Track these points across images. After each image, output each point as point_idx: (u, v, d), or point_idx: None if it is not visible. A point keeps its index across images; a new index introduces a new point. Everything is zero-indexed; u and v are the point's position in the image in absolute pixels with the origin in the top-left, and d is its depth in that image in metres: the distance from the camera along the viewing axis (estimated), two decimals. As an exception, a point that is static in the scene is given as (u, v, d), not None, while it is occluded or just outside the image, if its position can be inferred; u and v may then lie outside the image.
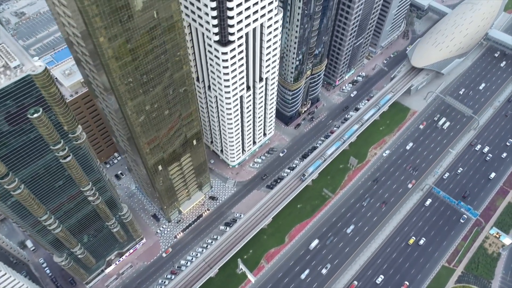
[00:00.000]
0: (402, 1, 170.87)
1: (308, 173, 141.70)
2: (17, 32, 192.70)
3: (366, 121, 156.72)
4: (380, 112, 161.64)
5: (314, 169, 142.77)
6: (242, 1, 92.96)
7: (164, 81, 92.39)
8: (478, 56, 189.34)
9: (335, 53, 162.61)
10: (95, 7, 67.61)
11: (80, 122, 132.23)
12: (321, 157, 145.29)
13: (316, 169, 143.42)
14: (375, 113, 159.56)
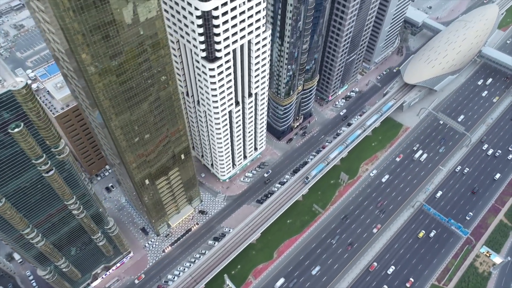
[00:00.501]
0: (395, 18, 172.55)
1: (311, 176, 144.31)
2: (15, 44, 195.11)
3: (363, 132, 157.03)
4: (372, 127, 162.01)
5: (317, 171, 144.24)
6: (228, 18, 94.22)
7: (149, 98, 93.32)
8: (471, 73, 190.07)
9: (328, 68, 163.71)
10: (76, 25, 68.55)
11: (71, 135, 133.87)
12: (324, 160, 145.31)
13: (311, 179, 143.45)
14: (366, 130, 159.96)
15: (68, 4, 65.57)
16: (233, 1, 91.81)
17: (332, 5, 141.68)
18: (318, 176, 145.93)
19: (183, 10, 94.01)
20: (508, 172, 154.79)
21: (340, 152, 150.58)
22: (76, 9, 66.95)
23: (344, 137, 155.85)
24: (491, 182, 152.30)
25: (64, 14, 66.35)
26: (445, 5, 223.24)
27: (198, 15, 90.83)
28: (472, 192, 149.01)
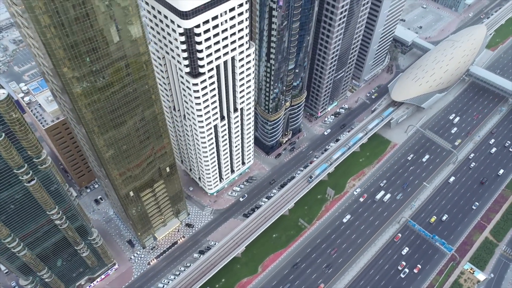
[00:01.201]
0: (383, 37, 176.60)
1: (315, 175, 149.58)
2: (13, 59, 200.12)
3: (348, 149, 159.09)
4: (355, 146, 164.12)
5: (321, 172, 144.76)
6: (211, 35, 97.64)
7: (134, 117, 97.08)
8: (460, 92, 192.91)
9: (316, 85, 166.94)
10: (57, 40, 71.84)
11: (61, 147, 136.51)
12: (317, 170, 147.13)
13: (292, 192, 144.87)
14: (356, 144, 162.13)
15: (49, 21, 69.01)
16: (214, 19, 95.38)
17: (318, 24, 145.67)
18: (304, 191, 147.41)
19: (167, 28, 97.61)
20: (495, 189, 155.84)
21: (324, 170, 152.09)
22: (57, 25, 70.38)
23: (330, 154, 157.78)
24: (478, 198, 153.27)
25: (45, 30, 69.73)
26: (435, 25, 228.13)
27: (181, 33, 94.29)
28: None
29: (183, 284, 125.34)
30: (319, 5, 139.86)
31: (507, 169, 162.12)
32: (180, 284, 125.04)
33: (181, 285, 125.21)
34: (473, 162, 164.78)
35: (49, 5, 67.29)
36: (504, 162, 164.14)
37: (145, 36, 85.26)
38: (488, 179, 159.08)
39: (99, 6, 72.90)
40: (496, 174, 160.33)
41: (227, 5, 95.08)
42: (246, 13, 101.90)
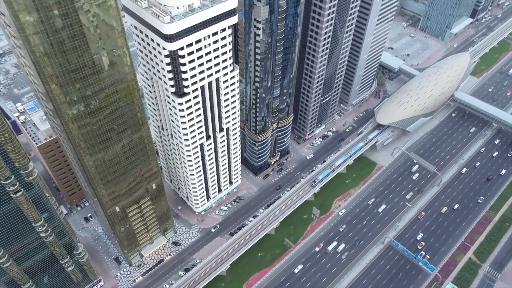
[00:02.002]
0: (368, 63, 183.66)
1: (318, 180, 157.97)
2: (14, 81, 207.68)
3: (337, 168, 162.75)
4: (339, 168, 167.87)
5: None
6: (195, 58, 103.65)
7: (123, 140, 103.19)
8: (446, 116, 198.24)
9: (303, 108, 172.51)
10: (50, 69, 78.44)
11: (53, 164, 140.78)
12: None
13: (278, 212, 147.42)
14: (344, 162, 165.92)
15: (43, 50, 75.44)
16: (198, 43, 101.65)
17: (303, 49, 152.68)
18: (289, 210, 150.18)
19: (153, 50, 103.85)
20: (479, 211, 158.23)
21: (308, 192, 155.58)
22: (50, 55, 76.84)
23: (315, 174, 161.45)
24: (462, 220, 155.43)
25: (40, 59, 76.23)
26: (422, 53, 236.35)
27: (166, 54, 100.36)
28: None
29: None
30: (304, 31, 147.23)
31: (491, 192, 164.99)
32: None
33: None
34: (459, 184, 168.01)
35: (43, 38, 74.30)
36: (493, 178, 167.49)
37: (132, 64, 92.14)
38: (473, 200, 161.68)
39: (89, 29, 79.23)
40: (482, 194, 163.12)
41: (210, 30, 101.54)
42: (229, 37, 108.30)
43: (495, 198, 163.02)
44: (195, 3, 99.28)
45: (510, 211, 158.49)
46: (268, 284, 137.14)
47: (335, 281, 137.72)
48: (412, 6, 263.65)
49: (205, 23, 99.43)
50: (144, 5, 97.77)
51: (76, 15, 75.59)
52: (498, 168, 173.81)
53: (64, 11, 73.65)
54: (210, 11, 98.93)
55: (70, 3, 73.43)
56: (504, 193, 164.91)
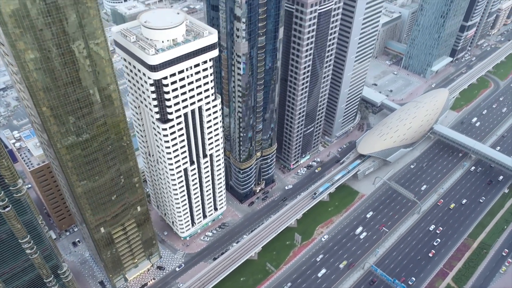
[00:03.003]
0: (350, 97, 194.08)
1: (319, 192, 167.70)
2: (13, 113, 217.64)
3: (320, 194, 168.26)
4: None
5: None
6: (177, 87, 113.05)
7: (111, 169, 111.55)
8: (426, 148, 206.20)
9: (287, 139, 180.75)
10: (46, 102, 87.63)
11: (44, 189, 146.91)
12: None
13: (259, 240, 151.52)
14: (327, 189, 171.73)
15: (38, 91, 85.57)
16: (180, 73, 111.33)
17: (285, 83, 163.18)
18: (271, 236, 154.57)
19: (140, 80, 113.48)
20: (458, 238, 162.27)
21: (291, 218, 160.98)
22: (47, 90, 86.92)
23: (297, 202, 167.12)
24: (441, 246, 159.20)
25: (37, 93, 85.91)
26: (404, 89, 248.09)
27: (151, 83, 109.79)
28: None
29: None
30: (285, 66, 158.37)
31: (470, 219, 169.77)
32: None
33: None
34: (438, 212, 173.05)
35: (41, 75, 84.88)
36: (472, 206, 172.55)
37: (121, 100, 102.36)
38: (451, 228, 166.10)
39: (83, 67, 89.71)
40: (461, 221, 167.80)
41: (192, 62, 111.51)
42: (211, 69, 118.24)
43: (474, 225, 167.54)
44: (179, 38, 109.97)
45: (488, 238, 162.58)
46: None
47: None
48: (395, 46, 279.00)
49: (187, 56, 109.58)
50: (133, 40, 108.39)
51: (72, 54, 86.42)
52: (476, 197, 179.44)
53: (61, 51, 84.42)
54: (192, 45, 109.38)
55: (66, 44, 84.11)
56: (482, 221, 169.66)
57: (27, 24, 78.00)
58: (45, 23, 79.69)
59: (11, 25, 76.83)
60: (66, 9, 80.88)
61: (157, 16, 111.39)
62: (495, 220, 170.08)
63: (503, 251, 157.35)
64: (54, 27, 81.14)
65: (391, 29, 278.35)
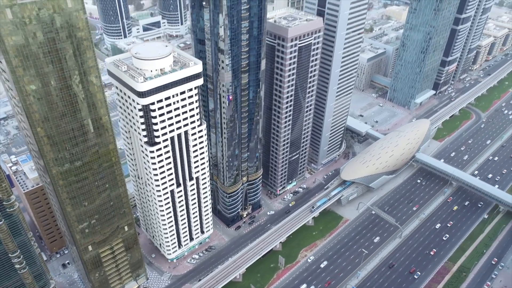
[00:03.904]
0: (334, 127, 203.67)
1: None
2: (13, 141, 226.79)
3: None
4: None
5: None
6: (164, 112, 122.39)
7: (103, 195, 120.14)
8: (409, 175, 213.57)
9: (273, 165, 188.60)
10: (43, 131, 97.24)
11: (37, 211, 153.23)
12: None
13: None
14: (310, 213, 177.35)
15: (38, 120, 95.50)
16: (167, 99, 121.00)
17: (270, 111, 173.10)
18: (255, 257, 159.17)
19: (130, 105, 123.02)
20: (439, 261, 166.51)
21: (275, 240, 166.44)
22: (45, 120, 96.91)
23: (282, 226, 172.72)
24: (422, 269, 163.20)
25: (36, 122, 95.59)
26: (389, 120, 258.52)
27: (140, 108, 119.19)
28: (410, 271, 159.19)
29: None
30: (269, 96, 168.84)
31: (450, 244, 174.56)
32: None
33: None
34: (419, 237, 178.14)
35: (42, 112, 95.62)
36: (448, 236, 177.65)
37: (112, 130, 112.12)
38: (431, 251, 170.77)
39: (79, 99, 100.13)
40: (442, 246, 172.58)
41: (178, 89, 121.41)
42: (196, 96, 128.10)
43: (454, 249, 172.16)
44: (167, 67, 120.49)
45: (467, 261, 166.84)
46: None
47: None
48: (380, 80, 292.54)
49: (173, 84, 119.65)
50: (124, 69, 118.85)
51: (69, 87, 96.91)
52: (456, 222, 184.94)
53: (59, 84, 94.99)
54: (178, 74, 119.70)
55: (63, 77, 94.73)
56: (462, 245, 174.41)
57: (28, 56, 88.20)
58: (45, 57, 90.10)
59: (14, 59, 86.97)
60: (64, 44, 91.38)
61: (147, 48, 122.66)
62: (475, 244, 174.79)
63: (482, 274, 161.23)
64: (53, 61, 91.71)
65: (376, 64, 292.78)
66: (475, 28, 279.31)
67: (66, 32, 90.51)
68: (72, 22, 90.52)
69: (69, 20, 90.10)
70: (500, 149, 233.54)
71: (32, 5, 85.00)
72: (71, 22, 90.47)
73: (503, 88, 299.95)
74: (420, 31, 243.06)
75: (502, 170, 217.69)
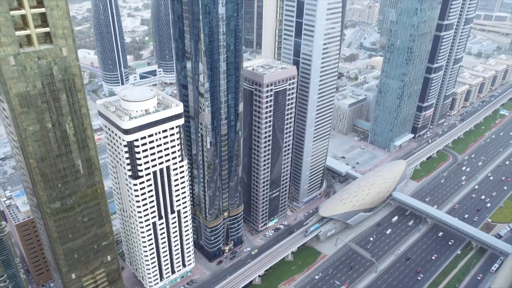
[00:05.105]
0: (313, 166, 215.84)
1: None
2: (9, 180, 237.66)
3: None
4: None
5: None
6: (148, 148, 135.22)
7: (90, 232, 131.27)
8: (387, 213, 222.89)
9: (254, 202, 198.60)
10: (38, 170, 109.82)
11: (27, 243, 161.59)
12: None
13: None
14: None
15: (34, 160, 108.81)
16: (150, 136, 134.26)
17: (250, 151, 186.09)
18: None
19: (116, 142, 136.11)
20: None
21: (254, 273, 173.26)
22: (40, 160, 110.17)
23: (260, 260, 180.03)
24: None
25: (32, 162, 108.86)
26: (370, 162, 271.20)
27: (125, 144, 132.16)
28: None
29: None
30: (249, 136, 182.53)
31: (424, 278, 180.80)
32: None
33: None
34: (394, 272, 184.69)
35: (39, 153, 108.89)
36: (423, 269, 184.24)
37: (100, 172, 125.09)
38: (407, 286, 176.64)
39: (72, 141, 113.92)
40: (415, 281, 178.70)
41: (160, 128, 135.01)
42: (177, 134, 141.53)
43: (428, 284, 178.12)
44: (151, 108, 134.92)
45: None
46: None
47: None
48: (362, 124, 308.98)
49: (156, 122, 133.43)
50: (112, 110, 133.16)
51: (64, 131, 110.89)
52: (430, 258, 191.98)
53: (55, 128, 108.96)
54: (161, 114, 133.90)
55: (58, 122, 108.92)
56: (435, 280, 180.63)
57: (28, 101, 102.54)
58: (42, 102, 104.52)
59: (16, 104, 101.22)
60: (60, 89, 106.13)
61: (134, 91, 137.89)
62: (448, 279, 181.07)
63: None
64: (49, 106, 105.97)
65: (358, 109, 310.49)
66: (449, 76, 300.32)
67: (61, 78, 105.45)
68: (67, 69, 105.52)
69: (65, 68, 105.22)
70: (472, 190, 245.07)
71: (34, 55, 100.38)
72: (66, 70, 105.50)
73: (479, 132, 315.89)
74: (395, 79, 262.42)
75: (477, 207, 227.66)
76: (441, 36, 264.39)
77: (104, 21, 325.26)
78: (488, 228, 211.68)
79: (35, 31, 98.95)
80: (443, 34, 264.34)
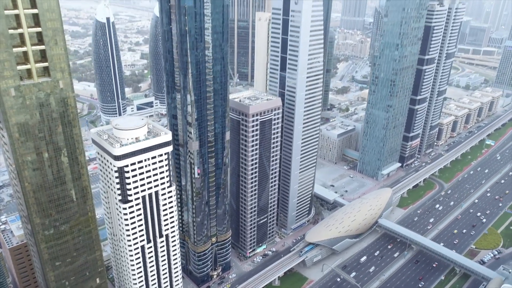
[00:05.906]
0: (300, 193, 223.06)
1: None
2: (5, 208, 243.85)
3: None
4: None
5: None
6: (137, 173, 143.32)
7: (80, 258, 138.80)
8: (374, 240, 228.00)
9: (243, 228, 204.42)
10: (33, 199, 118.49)
11: (19, 267, 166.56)
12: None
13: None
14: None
15: (30, 188, 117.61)
16: (140, 163, 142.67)
17: (238, 178, 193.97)
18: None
19: (108, 168, 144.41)
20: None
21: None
22: (36, 189, 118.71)
23: (247, 284, 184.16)
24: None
25: (29, 192, 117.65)
26: (358, 190, 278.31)
27: (116, 170, 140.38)
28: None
29: None
30: (237, 164, 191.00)
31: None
32: None
33: None
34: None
35: (36, 181, 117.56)
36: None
37: (92, 200, 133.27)
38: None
39: (66, 171, 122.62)
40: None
41: (149, 154, 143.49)
42: (166, 161, 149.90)
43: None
44: (141, 136, 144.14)
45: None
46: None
47: None
48: (351, 153, 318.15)
49: (145, 149, 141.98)
50: (105, 138, 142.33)
51: (59, 162, 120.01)
52: (415, 283, 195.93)
53: (51, 158, 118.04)
54: (150, 141, 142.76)
55: (54, 151, 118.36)
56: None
57: (27, 132, 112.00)
58: (40, 132, 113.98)
59: (15, 132, 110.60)
60: (56, 120, 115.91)
61: (126, 121, 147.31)
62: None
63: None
64: (46, 136, 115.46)
65: (347, 139, 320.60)
66: (433, 108, 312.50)
67: (58, 109, 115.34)
68: (63, 101, 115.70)
69: (61, 99, 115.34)
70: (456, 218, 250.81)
71: (33, 87, 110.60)
72: (63, 101, 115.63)
73: (466, 161, 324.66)
74: (380, 109, 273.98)
75: (462, 230, 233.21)
76: (423, 69, 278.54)
77: (103, 55, 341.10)
78: (472, 254, 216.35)
79: (35, 66, 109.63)
80: (425, 67, 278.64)
